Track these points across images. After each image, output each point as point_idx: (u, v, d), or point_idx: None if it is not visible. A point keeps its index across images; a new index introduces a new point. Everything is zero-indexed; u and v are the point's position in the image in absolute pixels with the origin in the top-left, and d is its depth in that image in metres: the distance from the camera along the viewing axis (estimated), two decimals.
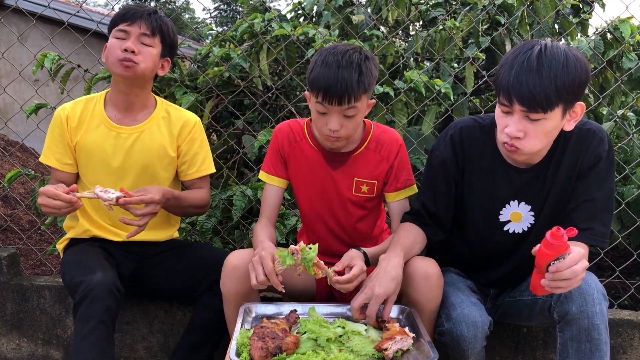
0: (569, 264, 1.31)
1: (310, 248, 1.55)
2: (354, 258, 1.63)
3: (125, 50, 1.83)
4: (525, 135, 1.48)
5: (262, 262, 1.55)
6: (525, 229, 1.73)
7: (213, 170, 2.10)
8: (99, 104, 1.98)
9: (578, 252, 1.33)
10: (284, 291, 1.56)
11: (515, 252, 1.78)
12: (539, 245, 1.34)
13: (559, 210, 1.68)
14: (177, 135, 2.00)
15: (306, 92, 1.76)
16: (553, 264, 1.32)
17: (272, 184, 1.93)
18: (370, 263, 1.71)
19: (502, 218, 1.73)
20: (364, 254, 1.69)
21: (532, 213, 1.71)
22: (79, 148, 1.95)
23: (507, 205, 1.71)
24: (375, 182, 1.87)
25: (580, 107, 1.51)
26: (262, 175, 1.96)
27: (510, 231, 1.74)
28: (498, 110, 1.54)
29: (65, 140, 1.95)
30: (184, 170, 2.05)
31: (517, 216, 1.72)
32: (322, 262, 1.58)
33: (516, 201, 1.70)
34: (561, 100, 1.43)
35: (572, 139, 1.63)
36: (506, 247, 1.78)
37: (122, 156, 1.94)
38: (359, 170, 1.86)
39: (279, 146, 1.92)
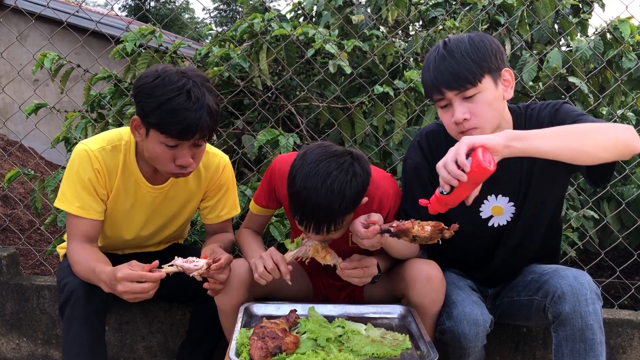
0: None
1: None
2: (364, 257, 1.65)
3: (181, 166, 1.64)
4: (472, 114, 1.53)
5: (271, 254, 1.58)
6: (509, 220, 1.75)
7: (235, 213, 2.00)
8: (130, 156, 1.77)
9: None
10: (289, 283, 1.58)
11: (502, 244, 1.79)
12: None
13: (540, 196, 1.70)
14: (206, 184, 1.91)
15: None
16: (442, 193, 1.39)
17: (262, 215, 1.91)
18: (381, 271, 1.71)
19: (483, 215, 1.74)
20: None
21: (512, 204, 1.72)
22: (109, 202, 1.79)
23: (485, 201, 1.73)
24: None
25: (508, 74, 1.59)
26: (252, 206, 1.90)
27: (495, 225, 1.75)
28: (440, 112, 1.62)
29: (97, 190, 1.74)
30: (204, 215, 1.97)
31: (498, 210, 1.74)
32: (331, 250, 1.61)
33: (493, 195, 1.72)
34: (484, 69, 1.52)
35: (532, 120, 1.66)
36: (493, 240, 1.80)
37: (150, 211, 1.86)
38: (354, 225, 1.72)
39: (275, 186, 1.80)
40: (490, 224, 1.75)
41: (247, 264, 1.72)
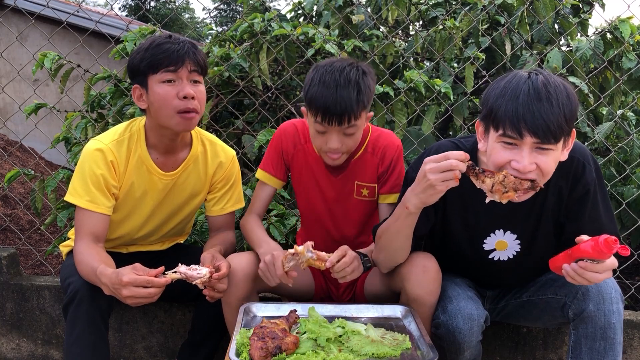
0: (597, 269, 1.34)
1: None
2: (345, 249, 1.65)
3: (185, 97, 1.68)
4: (537, 168, 1.39)
5: (275, 263, 1.61)
6: (511, 257, 1.71)
7: (239, 206, 2.03)
8: (140, 145, 1.80)
9: (611, 264, 1.35)
10: (291, 285, 1.63)
11: (503, 277, 1.78)
12: (587, 238, 1.34)
13: (548, 238, 1.66)
14: (212, 175, 1.94)
15: (303, 108, 1.74)
16: (586, 261, 1.36)
17: (268, 184, 1.93)
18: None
19: (486, 247, 1.71)
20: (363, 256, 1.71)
21: (518, 242, 1.68)
22: (121, 192, 1.81)
23: (492, 234, 1.68)
24: (375, 185, 1.87)
25: (572, 135, 1.47)
26: (260, 174, 1.93)
27: (496, 259, 1.72)
28: (497, 145, 1.41)
29: (109, 184, 1.75)
30: (209, 206, 1.99)
31: (502, 245, 1.70)
32: (323, 253, 1.62)
33: (501, 230, 1.67)
34: (568, 128, 1.39)
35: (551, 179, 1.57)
36: (495, 272, 1.78)
37: (158, 200, 1.87)
38: (359, 175, 1.85)
39: (282, 148, 1.89)
40: (490, 256, 1.72)
41: (251, 257, 1.75)
